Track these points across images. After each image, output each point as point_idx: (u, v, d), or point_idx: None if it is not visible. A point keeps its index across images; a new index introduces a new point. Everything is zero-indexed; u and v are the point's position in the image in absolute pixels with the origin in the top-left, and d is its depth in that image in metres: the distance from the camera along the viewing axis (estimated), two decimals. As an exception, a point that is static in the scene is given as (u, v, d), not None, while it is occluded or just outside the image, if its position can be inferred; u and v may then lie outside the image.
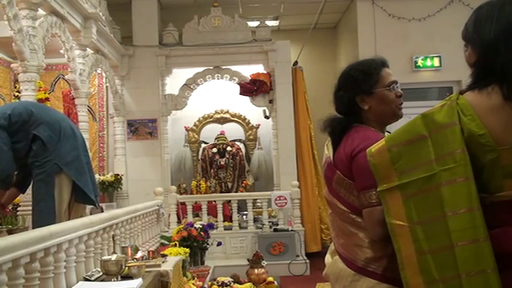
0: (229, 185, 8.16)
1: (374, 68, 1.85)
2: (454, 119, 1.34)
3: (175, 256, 4.28)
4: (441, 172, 1.33)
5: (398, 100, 1.85)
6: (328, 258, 1.94)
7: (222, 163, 8.13)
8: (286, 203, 6.90)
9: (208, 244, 5.98)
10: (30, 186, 3.74)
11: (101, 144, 7.99)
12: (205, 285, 5.03)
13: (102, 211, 5.28)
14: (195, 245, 5.68)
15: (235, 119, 8.57)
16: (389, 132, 1.78)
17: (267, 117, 7.99)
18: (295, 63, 8.05)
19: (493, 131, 1.30)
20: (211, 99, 8.44)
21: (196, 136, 8.49)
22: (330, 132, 1.88)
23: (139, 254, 3.61)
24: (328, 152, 1.87)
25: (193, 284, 4.62)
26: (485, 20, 1.39)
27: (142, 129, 7.68)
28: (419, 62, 7.66)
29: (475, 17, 1.43)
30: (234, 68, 7.88)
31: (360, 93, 1.83)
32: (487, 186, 1.33)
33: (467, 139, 1.32)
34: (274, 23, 9.00)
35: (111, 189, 7.26)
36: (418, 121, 1.41)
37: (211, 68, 7.88)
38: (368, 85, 1.82)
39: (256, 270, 5.37)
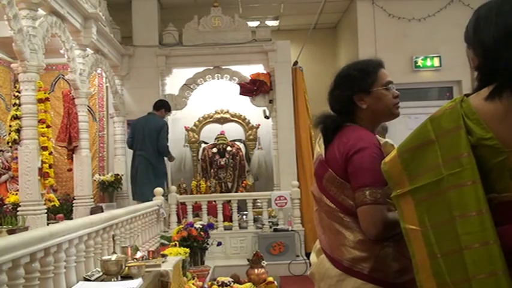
0: (229, 185, 8.16)
1: (372, 67, 1.88)
2: (459, 123, 1.34)
3: (175, 256, 4.28)
4: (448, 176, 1.34)
5: (395, 100, 1.88)
6: (313, 257, 1.94)
7: (222, 163, 8.12)
8: (286, 203, 6.89)
9: (208, 244, 5.98)
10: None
11: (101, 144, 7.98)
12: (205, 285, 5.02)
13: (102, 211, 5.29)
14: (195, 245, 5.67)
15: (235, 119, 8.57)
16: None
17: (267, 117, 7.99)
18: (295, 63, 8.04)
19: (499, 134, 1.30)
20: (211, 99, 8.44)
21: (196, 136, 8.49)
22: (322, 128, 1.89)
23: (139, 254, 3.62)
24: (320, 149, 1.88)
25: (193, 284, 4.62)
26: (484, 23, 1.37)
27: (143, 129, 7.66)
28: (419, 62, 7.66)
29: (475, 19, 1.42)
30: (234, 68, 7.88)
31: (358, 92, 1.85)
32: (493, 187, 1.33)
33: (474, 142, 1.32)
34: (274, 23, 9.01)
35: (111, 189, 7.26)
36: (427, 126, 1.41)
37: (211, 68, 7.88)
38: (366, 84, 1.85)
39: (256, 270, 5.36)
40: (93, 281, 2.93)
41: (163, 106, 6.78)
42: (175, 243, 5.21)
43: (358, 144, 1.74)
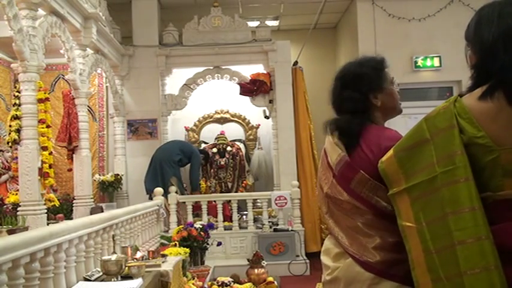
0: (229, 185, 8.16)
1: (381, 64, 1.89)
2: (452, 122, 1.37)
3: (175, 256, 4.28)
4: (441, 174, 1.37)
5: (398, 95, 1.91)
6: (327, 260, 1.88)
7: (222, 163, 8.13)
8: (286, 203, 6.89)
9: (208, 244, 5.98)
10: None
11: (101, 144, 7.99)
12: (205, 285, 5.02)
13: (102, 211, 5.29)
14: (195, 245, 5.67)
15: (235, 119, 8.57)
16: None
17: (267, 117, 7.99)
18: (295, 63, 8.04)
19: (491, 133, 1.32)
20: (211, 99, 8.44)
21: (196, 136, 8.49)
22: (347, 133, 1.82)
23: (139, 254, 3.62)
24: (340, 150, 1.81)
25: (193, 284, 4.62)
26: (485, 22, 1.39)
27: (142, 129, 7.68)
28: (419, 62, 7.66)
29: (477, 18, 1.43)
30: (234, 68, 7.88)
31: (373, 90, 1.85)
32: (487, 186, 1.35)
33: (467, 141, 1.35)
34: (274, 23, 9.00)
35: (111, 189, 7.26)
36: (422, 125, 1.44)
37: (211, 68, 7.88)
38: (380, 81, 1.86)
39: (256, 270, 5.36)
40: (93, 281, 2.93)
41: (204, 155, 7.91)
42: (175, 243, 5.21)
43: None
